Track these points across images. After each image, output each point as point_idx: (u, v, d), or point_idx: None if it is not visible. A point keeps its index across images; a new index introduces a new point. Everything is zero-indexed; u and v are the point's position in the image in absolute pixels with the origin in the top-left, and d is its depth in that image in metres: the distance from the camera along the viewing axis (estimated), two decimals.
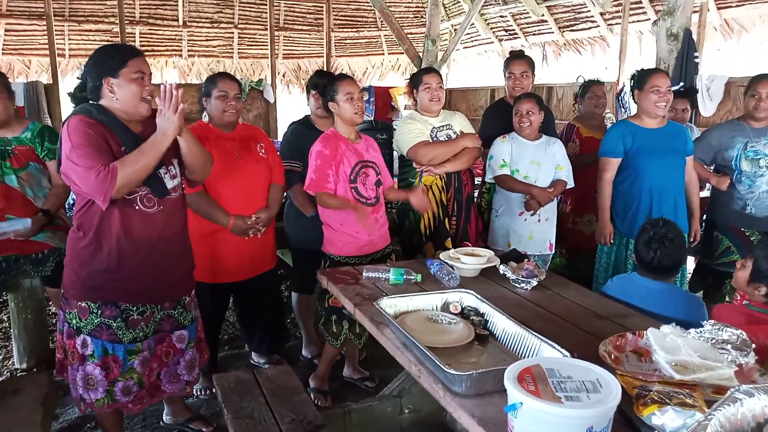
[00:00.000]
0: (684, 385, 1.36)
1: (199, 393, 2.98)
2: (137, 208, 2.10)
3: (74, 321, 2.15)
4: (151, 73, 2.14)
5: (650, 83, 3.01)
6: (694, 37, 5.00)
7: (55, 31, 7.17)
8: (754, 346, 1.52)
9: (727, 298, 3.37)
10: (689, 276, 3.64)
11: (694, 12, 5.27)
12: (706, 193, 4.22)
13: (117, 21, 7.49)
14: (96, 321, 2.13)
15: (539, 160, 3.17)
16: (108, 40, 8.27)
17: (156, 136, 2.01)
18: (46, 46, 7.12)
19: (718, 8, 6.35)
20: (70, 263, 2.16)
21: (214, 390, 2.79)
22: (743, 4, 6.20)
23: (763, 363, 1.49)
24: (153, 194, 2.12)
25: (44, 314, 3.45)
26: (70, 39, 8.27)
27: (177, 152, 2.21)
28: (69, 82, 8.38)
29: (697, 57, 4.86)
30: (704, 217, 3.57)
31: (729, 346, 1.52)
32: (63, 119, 7.27)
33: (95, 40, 8.33)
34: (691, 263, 4.49)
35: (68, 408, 2.89)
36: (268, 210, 2.88)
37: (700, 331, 1.57)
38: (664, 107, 3.04)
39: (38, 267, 3.03)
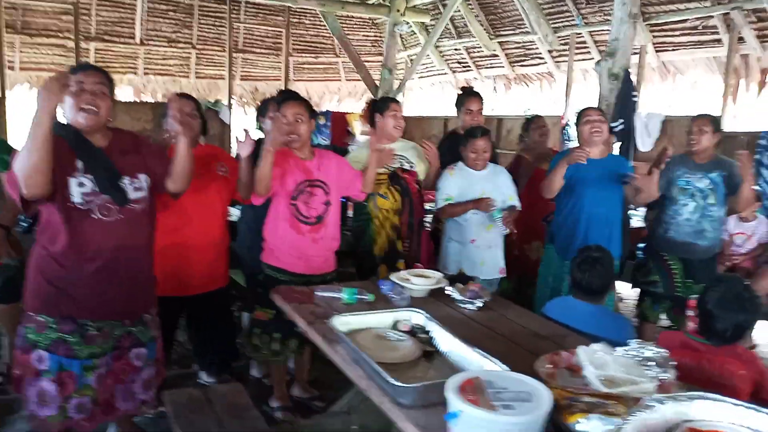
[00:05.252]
0: (610, 396, 1.48)
1: (146, 412, 2.95)
2: (95, 217, 2.12)
3: (31, 336, 2.14)
4: (97, 84, 2.12)
5: (584, 115, 3.33)
6: (634, 77, 5.34)
7: (6, 43, 7.03)
8: (675, 363, 1.67)
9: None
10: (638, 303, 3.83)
11: (634, 54, 5.62)
12: (640, 223, 4.48)
13: (72, 36, 7.39)
14: (53, 336, 2.12)
15: (489, 191, 3.26)
16: (61, 55, 8.13)
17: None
18: None
19: (656, 51, 6.79)
20: (29, 273, 2.17)
21: (161, 409, 2.78)
22: (678, 49, 6.66)
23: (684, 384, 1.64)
24: (113, 203, 2.15)
25: None
26: (21, 52, 8.07)
27: (144, 168, 2.26)
28: (18, 95, 8.18)
29: (635, 96, 5.19)
30: (642, 245, 3.82)
31: (652, 363, 1.67)
32: (9, 133, 6.97)
33: (48, 54, 8.19)
34: (628, 290, 4.70)
35: (16, 428, 2.81)
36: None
37: (627, 349, 1.72)
38: (598, 135, 3.28)
39: None
